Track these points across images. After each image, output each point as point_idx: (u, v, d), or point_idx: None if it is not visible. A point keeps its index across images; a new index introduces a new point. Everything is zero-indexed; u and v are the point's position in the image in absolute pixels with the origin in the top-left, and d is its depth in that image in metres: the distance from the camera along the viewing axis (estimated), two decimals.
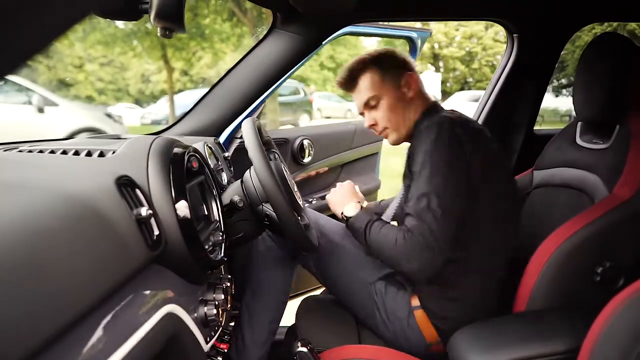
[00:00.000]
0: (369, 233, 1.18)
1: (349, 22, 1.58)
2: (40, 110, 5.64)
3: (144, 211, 0.69)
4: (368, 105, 1.29)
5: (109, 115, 6.76)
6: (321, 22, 1.52)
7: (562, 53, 1.85)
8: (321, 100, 18.43)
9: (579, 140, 1.33)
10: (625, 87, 1.16)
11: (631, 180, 1.09)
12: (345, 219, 1.28)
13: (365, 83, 1.27)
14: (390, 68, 1.28)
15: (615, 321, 0.71)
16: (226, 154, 1.50)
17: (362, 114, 1.34)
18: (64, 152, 0.83)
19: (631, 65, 1.15)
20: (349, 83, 1.30)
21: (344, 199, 1.34)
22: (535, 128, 2.03)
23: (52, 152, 0.84)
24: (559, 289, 1.06)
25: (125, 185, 0.70)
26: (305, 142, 2.03)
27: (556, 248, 1.05)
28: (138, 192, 0.74)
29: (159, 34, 0.82)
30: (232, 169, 1.51)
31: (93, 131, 5.93)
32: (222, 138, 1.63)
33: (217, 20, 10.77)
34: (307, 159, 2.05)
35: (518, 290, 1.14)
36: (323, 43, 1.58)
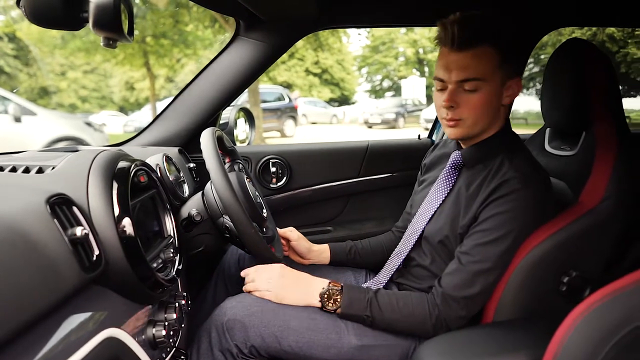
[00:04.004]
0: (376, 315, 1.05)
1: (313, 29, 1.56)
2: (17, 119, 5.49)
3: (79, 231, 0.65)
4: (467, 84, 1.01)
5: (88, 124, 6.61)
6: (284, 29, 1.50)
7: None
8: (306, 106, 18.44)
9: (547, 147, 1.32)
10: (590, 94, 1.15)
11: (596, 188, 1.07)
12: (330, 310, 1.07)
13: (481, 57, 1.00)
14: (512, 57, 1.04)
15: (575, 332, 0.69)
16: (191, 165, 1.46)
17: (441, 87, 1.05)
18: (0, 169, 0.79)
19: (595, 72, 1.14)
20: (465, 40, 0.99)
21: (298, 286, 1.09)
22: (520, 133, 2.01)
23: None
24: (525, 299, 1.04)
25: (60, 204, 0.67)
26: (274, 161, 1.77)
27: (523, 257, 1.03)
28: (76, 210, 0.70)
29: (102, 44, 0.79)
30: (197, 179, 1.47)
31: (72, 140, 5.82)
32: None
33: (199, 27, 10.72)
34: (278, 183, 1.78)
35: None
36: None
